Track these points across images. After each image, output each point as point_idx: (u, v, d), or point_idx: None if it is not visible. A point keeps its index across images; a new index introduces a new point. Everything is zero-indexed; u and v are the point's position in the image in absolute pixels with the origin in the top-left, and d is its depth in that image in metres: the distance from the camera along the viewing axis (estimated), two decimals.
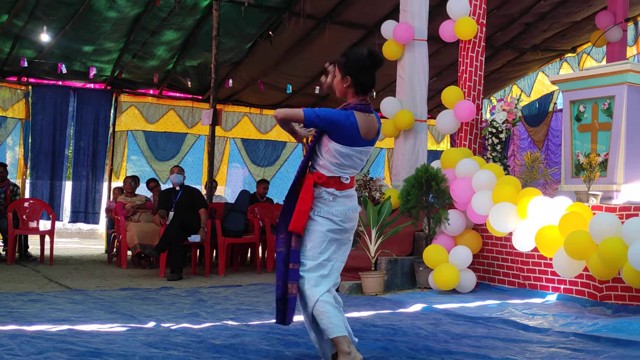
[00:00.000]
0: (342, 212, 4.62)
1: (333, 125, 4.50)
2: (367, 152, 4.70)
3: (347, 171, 4.62)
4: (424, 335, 5.79)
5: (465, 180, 8.60)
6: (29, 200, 12.71)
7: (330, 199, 4.60)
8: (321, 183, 4.59)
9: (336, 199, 4.61)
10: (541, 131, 16.75)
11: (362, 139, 4.58)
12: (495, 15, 13.61)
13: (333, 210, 4.60)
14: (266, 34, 13.62)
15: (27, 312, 6.59)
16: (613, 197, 8.05)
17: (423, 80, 10.53)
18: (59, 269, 10.93)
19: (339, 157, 4.56)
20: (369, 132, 4.61)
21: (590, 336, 5.73)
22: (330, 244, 4.61)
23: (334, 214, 4.60)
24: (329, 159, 4.58)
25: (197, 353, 4.93)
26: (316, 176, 4.60)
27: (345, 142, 4.54)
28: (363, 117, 4.58)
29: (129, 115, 15.06)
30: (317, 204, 4.62)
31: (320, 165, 4.62)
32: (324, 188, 4.60)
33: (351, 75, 4.61)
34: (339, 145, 4.54)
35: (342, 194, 4.62)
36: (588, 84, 8.47)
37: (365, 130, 4.58)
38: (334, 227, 4.60)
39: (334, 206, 4.60)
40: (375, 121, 4.67)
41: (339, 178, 4.60)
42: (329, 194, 4.60)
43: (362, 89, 4.64)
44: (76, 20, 12.31)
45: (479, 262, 8.76)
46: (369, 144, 4.67)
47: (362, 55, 4.62)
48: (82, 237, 20.66)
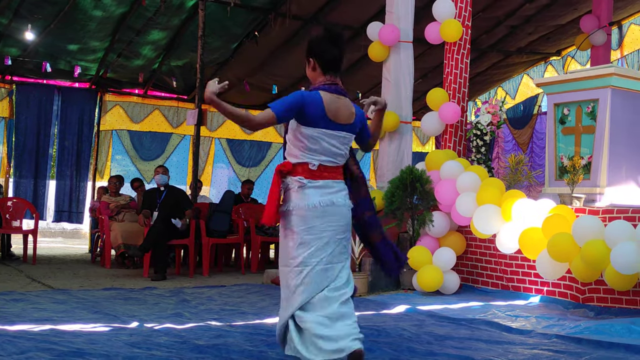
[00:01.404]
0: (313, 205, 4.32)
1: (298, 106, 4.28)
2: (340, 139, 4.41)
3: (315, 156, 4.35)
4: (408, 336, 5.80)
5: (450, 182, 8.63)
6: (13, 199, 12.64)
7: (295, 188, 4.35)
8: (286, 171, 4.39)
9: (305, 189, 4.33)
10: (525, 134, 16.81)
11: (330, 120, 4.34)
12: (480, 18, 13.65)
13: (302, 204, 4.33)
14: (252, 34, 13.61)
15: (10, 311, 6.55)
16: (596, 199, 8.09)
17: (408, 82, 10.54)
18: (42, 268, 10.88)
19: (304, 139, 4.33)
20: (339, 115, 4.38)
21: (572, 338, 5.76)
22: (305, 246, 4.31)
23: (304, 207, 4.32)
24: (295, 144, 4.37)
25: (180, 353, 4.92)
26: (282, 165, 4.40)
27: (310, 123, 4.31)
28: (330, 96, 4.38)
29: (114, 114, 15.00)
30: (288, 197, 4.39)
31: (288, 153, 4.44)
32: (291, 177, 4.37)
33: (314, 56, 4.49)
34: (304, 127, 4.32)
35: (314, 183, 4.33)
36: (572, 87, 8.51)
37: (334, 111, 4.35)
38: (306, 225, 4.31)
39: (303, 199, 4.33)
40: (348, 105, 4.45)
41: (307, 165, 4.34)
42: (296, 182, 4.35)
43: (327, 67, 4.47)
44: (61, 19, 12.25)
45: (463, 264, 8.79)
46: (342, 129, 4.40)
47: (319, 34, 4.50)
48: (66, 236, 20.56)
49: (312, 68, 4.51)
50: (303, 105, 4.29)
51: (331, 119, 4.34)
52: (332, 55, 4.45)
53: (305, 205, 4.32)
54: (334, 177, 4.43)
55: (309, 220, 4.32)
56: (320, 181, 4.35)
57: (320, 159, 4.36)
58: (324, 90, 4.39)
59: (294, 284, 4.31)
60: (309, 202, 4.31)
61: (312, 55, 4.49)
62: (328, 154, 4.38)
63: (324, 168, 4.38)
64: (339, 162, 4.46)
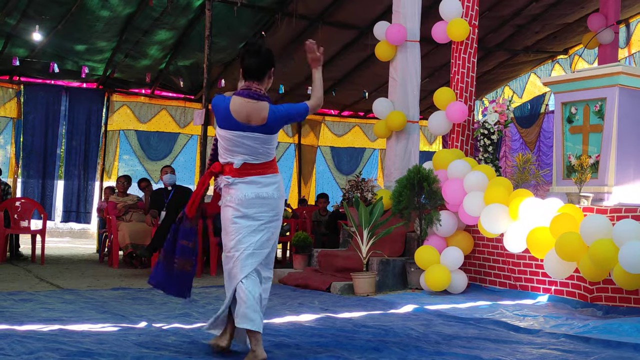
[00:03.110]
0: (239, 198, 4.79)
1: (213, 108, 4.85)
2: (254, 139, 4.78)
3: (237, 156, 4.79)
4: (415, 336, 5.80)
5: (457, 182, 8.62)
6: (21, 200, 12.68)
7: (224, 184, 4.86)
8: (217, 172, 4.94)
9: (233, 186, 4.81)
10: (533, 133, 16.78)
11: (237, 122, 4.74)
12: (487, 17, 13.64)
13: (230, 198, 4.83)
14: (259, 34, 13.62)
15: (18, 311, 6.57)
16: (604, 198, 8.07)
17: (415, 81, 10.55)
18: (50, 268, 10.91)
19: (222, 141, 4.82)
20: (248, 117, 4.75)
21: (580, 337, 5.75)
22: (236, 232, 4.80)
23: (232, 200, 4.81)
24: (220, 145, 4.88)
25: (188, 353, 4.93)
26: (213, 166, 4.95)
27: (221, 125, 4.78)
28: (240, 100, 4.78)
29: (121, 114, 15.04)
30: (222, 193, 4.93)
31: (218, 154, 4.94)
32: (222, 176, 4.89)
33: (241, 65, 4.93)
34: (219, 129, 4.81)
35: (241, 180, 4.80)
36: (580, 86, 8.48)
37: (242, 114, 4.74)
38: (235, 213, 4.80)
39: (231, 193, 4.82)
40: (258, 108, 4.77)
41: (232, 164, 4.81)
42: (224, 181, 4.85)
43: (247, 75, 4.87)
44: (68, 19, 12.29)
45: (470, 263, 8.78)
46: (253, 129, 4.77)
47: (245, 47, 4.96)
48: (74, 236, 20.63)
49: (240, 75, 4.98)
50: (215, 109, 4.84)
51: (239, 121, 4.75)
52: (250, 66, 4.87)
53: (234, 199, 4.82)
54: (261, 172, 4.85)
55: (237, 212, 4.81)
56: (249, 177, 4.82)
57: (243, 158, 4.81)
58: (238, 95, 4.82)
59: (228, 268, 4.86)
60: (236, 196, 4.81)
61: (240, 64, 4.96)
62: (248, 152, 4.80)
63: (250, 166, 4.82)
64: (261, 159, 4.85)
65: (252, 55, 4.88)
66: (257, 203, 4.81)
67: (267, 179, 4.87)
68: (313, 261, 9.97)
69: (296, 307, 7.35)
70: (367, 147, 18.02)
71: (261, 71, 4.89)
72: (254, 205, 4.81)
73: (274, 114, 4.84)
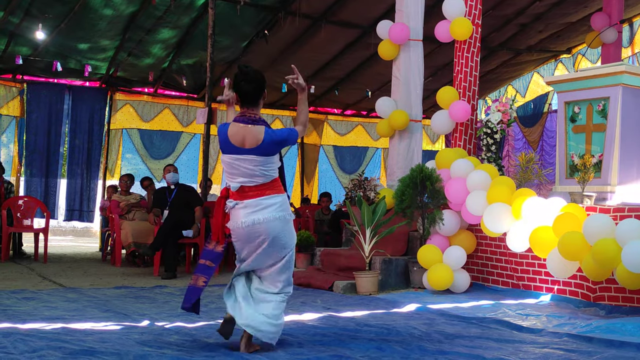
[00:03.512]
0: (235, 225, 5.01)
1: (218, 135, 5.05)
2: (250, 161, 4.94)
3: (236, 179, 4.99)
4: (418, 335, 5.79)
5: (460, 181, 8.61)
6: (24, 198, 12.69)
7: (228, 209, 5.06)
8: (224, 196, 5.12)
9: (233, 210, 5.03)
10: (536, 132, 16.77)
11: (235, 146, 4.94)
12: (490, 16, 13.63)
13: (232, 224, 5.04)
14: (262, 33, 13.62)
15: (21, 310, 6.58)
16: (607, 198, 8.06)
17: (418, 80, 10.54)
18: (53, 267, 10.92)
19: (226, 166, 5.05)
20: (244, 141, 4.93)
21: (583, 337, 5.74)
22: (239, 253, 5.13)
23: (233, 226, 5.03)
24: (225, 170, 5.10)
25: (190, 352, 4.93)
26: (224, 190, 5.14)
27: (223, 150, 5.03)
28: (237, 127, 4.97)
29: (124, 113, 15.05)
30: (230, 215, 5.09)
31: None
32: (227, 200, 5.08)
33: (235, 91, 5.10)
34: (222, 155, 5.06)
35: (239, 204, 5.00)
36: (583, 85, 8.47)
37: (238, 138, 4.94)
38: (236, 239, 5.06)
39: (232, 218, 5.04)
40: (254, 131, 4.94)
41: (230, 188, 5.05)
42: (228, 204, 5.05)
43: (243, 101, 5.06)
44: (71, 18, 12.30)
45: (473, 263, 8.77)
46: (248, 152, 4.94)
47: (236, 73, 5.06)
48: (77, 235, 20.66)
49: (236, 101, 5.22)
50: (218, 136, 5.04)
51: (236, 145, 4.95)
52: (245, 93, 5.03)
53: (234, 225, 5.03)
54: (259, 194, 4.98)
55: (237, 236, 5.05)
56: (245, 201, 4.98)
57: (240, 181, 4.99)
58: (235, 121, 5.02)
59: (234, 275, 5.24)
60: (236, 223, 5.00)
61: (235, 90, 5.11)
62: (245, 175, 4.98)
63: (248, 188, 4.99)
64: (259, 181, 4.99)
65: (245, 82, 5.01)
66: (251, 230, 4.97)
67: (265, 201, 4.98)
68: (316, 260, 9.97)
69: (299, 306, 7.35)
70: (369, 146, 18.02)
71: (255, 97, 5.06)
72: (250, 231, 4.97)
73: (270, 137, 4.97)
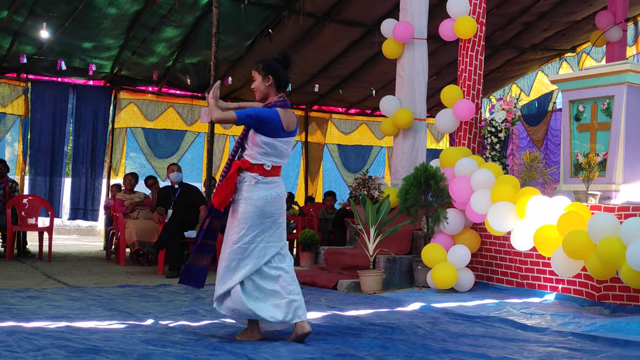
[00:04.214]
0: (262, 197, 5.24)
1: (261, 122, 5.25)
2: (289, 143, 5.41)
3: (270, 159, 5.29)
4: (422, 334, 5.79)
5: (464, 180, 8.60)
6: (28, 197, 12.71)
7: (252, 182, 5.25)
8: (245, 168, 5.27)
9: (258, 185, 5.25)
10: (540, 130, 16.74)
11: (284, 131, 5.31)
12: (495, 15, 13.61)
13: (253, 195, 5.23)
14: (266, 31, 13.62)
15: (26, 308, 6.59)
16: (612, 197, 8.05)
17: (422, 79, 10.54)
18: (57, 265, 10.93)
19: (265, 146, 5.26)
20: (289, 125, 5.35)
21: (588, 336, 5.73)
22: (253, 228, 5.24)
23: (254, 198, 5.23)
24: (256, 150, 5.28)
25: (195, 350, 4.93)
26: (241, 162, 5.28)
27: (270, 134, 5.26)
28: (284, 112, 5.34)
29: (128, 112, 15.06)
30: (240, 189, 5.29)
31: (246, 154, 5.33)
32: (248, 172, 5.27)
33: (273, 75, 5.41)
34: (265, 137, 5.25)
35: (265, 180, 5.28)
36: (587, 84, 8.46)
37: (286, 124, 5.32)
38: (255, 212, 5.23)
39: (255, 191, 5.24)
40: (293, 115, 5.44)
41: (262, 165, 5.28)
42: (252, 178, 5.25)
43: (281, 86, 5.44)
44: (76, 17, 12.30)
45: (478, 261, 8.77)
46: (291, 134, 5.39)
47: (278, 58, 5.47)
48: (81, 234, 20.68)
49: (268, 84, 5.43)
50: (265, 121, 5.26)
51: (284, 130, 5.32)
52: (286, 79, 5.49)
53: (257, 196, 5.24)
54: (279, 174, 5.40)
55: (257, 209, 5.24)
56: (269, 178, 5.30)
57: (274, 161, 5.33)
58: (279, 107, 5.35)
59: (240, 258, 5.25)
60: (260, 194, 5.24)
61: (272, 74, 5.42)
62: (280, 156, 5.36)
63: (275, 168, 5.35)
64: (285, 162, 5.44)
65: (286, 67, 5.45)
66: (276, 202, 5.31)
67: (280, 179, 5.41)
68: (320, 259, 9.97)
69: None
70: (374, 145, 18.00)
71: (288, 82, 5.55)
72: (273, 203, 5.29)
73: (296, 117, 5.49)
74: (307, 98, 16.62)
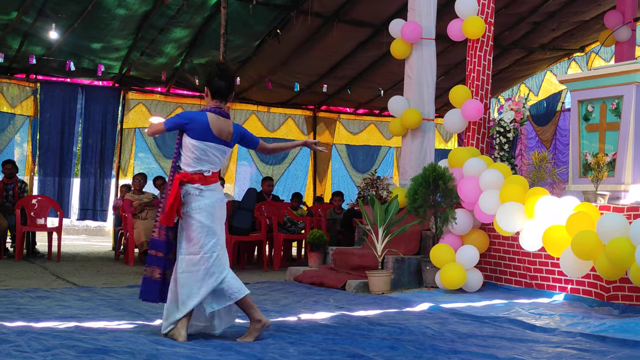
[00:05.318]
0: (209, 204, 5.39)
1: (188, 121, 5.41)
2: (222, 151, 5.49)
3: (206, 166, 5.41)
4: (431, 334, 5.79)
5: (473, 180, 8.59)
6: (37, 197, 12.75)
7: (197, 193, 5.38)
8: (187, 181, 5.38)
9: (202, 193, 5.39)
10: (549, 130, 16.71)
11: (214, 136, 5.40)
12: (503, 14, 13.59)
13: (201, 204, 5.37)
14: (274, 32, 13.62)
15: (35, 308, 6.61)
16: (621, 197, 8.03)
17: (431, 79, 10.53)
18: (66, 266, 10.96)
19: (196, 151, 5.37)
20: (221, 132, 5.44)
21: (597, 336, 5.72)
22: (210, 237, 5.40)
23: (202, 207, 5.37)
24: (189, 155, 5.40)
25: (203, 350, 4.94)
26: (182, 175, 5.39)
27: (199, 137, 5.36)
28: (215, 117, 5.44)
29: (137, 112, 15.09)
30: (186, 201, 5.40)
31: (183, 163, 5.44)
32: (190, 185, 5.39)
33: (207, 85, 5.54)
34: (194, 140, 5.37)
35: (208, 188, 5.42)
36: (596, 84, 8.44)
37: (217, 128, 5.41)
38: (205, 220, 5.37)
39: (201, 200, 5.38)
40: (229, 125, 5.51)
41: (201, 173, 5.40)
42: (195, 189, 5.38)
43: (216, 95, 5.52)
44: (85, 18, 12.33)
45: (486, 262, 8.75)
46: (224, 143, 5.47)
47: (212, 67, 5.64)
48: (90, 234, 20.72)
49: (206, 94, 5.58)
50: (192, 121, 5.41)
51: (215, 135, 5.41)
52: (222, 87, 5.52)
53: (206, 204, 5.40)
54: (216, 180, 5.52)
55: (210, 216, 5.41)
56: (212, 185, 5.46)
57: (210, 167, 5.45)
58: (210, 112, 5.46)
59: (207, 267, 5.38)
60: (208, 201, 5.40)
61: (207, 84, 5.56)
62: (213, 162, 5.48)
63: (212, 174, 5.48)
64: (218, 168, 5.58)
65: (223, 79, 5.51)
66: (220, 207, 5.51)
67: (218, 185, 5.56)
68: (328, 259, 9.97)
69: (311, 305, 7.35)
70: (382, 145, 17.99)
71: (228, 93, 5.56)
72: (219, 208, 5.49)
73: (237, 130, 5.59)
74: (316, 98, 16.62)
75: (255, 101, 16.26)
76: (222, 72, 5.53)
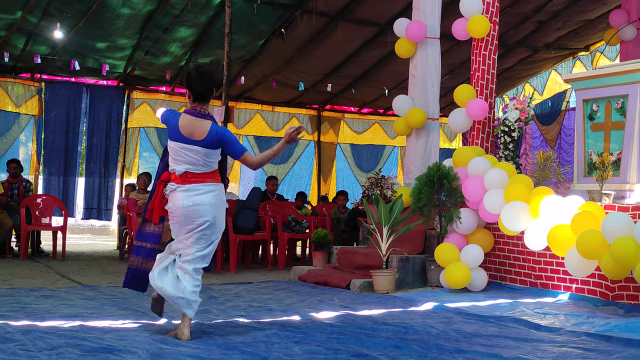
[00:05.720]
0: (175, 205, 5.42)
1: (165, 121, 5.55)
2: (195, 151, 5.40)
3: (181, 165, 5.43)
4: (435, 333, 5.78)
5: (477, 179, 8.58)
6: (42, 197, 12.77)
7: (168, 191, 5.48)
8: (165, 179, 5.55)
9: (173, 193, 5.45)
10: (554, 130, 16.70)
11: (183, 136, 5.39)
12: (508, 14, 13.57)
13: (173, 205, 5.45)
14: (278, 31, 13.63)
15: (40, 307, 6.62)
16: (626, 196, 8.02)
17: (435, 78, 10.51)
18: (71, 265, 10.98)
19: (172, 152, 5.47)
20: (192, 133, 5.39)
21: (602, 336, 5.71)
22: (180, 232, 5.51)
23: (174, 207, 5.44)
24: (169, 154, 5.52)
25: (208, 350, 4.94)
26: (166, 174, 5.55)
27: (171, 137, 5.45)
28: (188, 118, 5.43)
29: (141, 111, 15.11)
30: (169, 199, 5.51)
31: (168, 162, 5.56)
32: (169, 183, 5.50)
33: (187, 87, 5.54)
34: (169, 140, 5.48)
35: (181, 187, 5.43)
36: (601, 83, 8.42)
37: (188, 129, 5.39)
38: (176, 219, 5.47)
39: (171, 200, 5.47)
40: (203, 125, 5.41)
41: (174, 172, 5.47)
42: (169, 188, 5.48)
43: (195, 97, 5.50)
44: (89, 17, 12.35)
45: (491, 261, 8.75)
46: (195, 143, 5.39)
47: (191, 70, 5.57)
48: (94, 233, 20.75)
49: (187, 96, 5.56)
50: (167, 122, 5.52)
51: (184, 135, 5.39)
52: (200, 89, 5.49)
53: (174, 206, 5.44)
54: (201, 181, 5.46)
55: (177, 217, 5.46)
56: (187, 185, 5.43)
57: (185, 167, 5.43)
58: (186, 113, 5.47)
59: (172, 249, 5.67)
60: (177, 203, 5.42)
61: (186, 87, 5.55)
62: (189, 162, 5.43)
63: (191, 175, 5.44)
64: (202, 169, 5.47)
65: (200, 81, 5.48)
66: (191, 210, 5.41)
67: (205, 187, 5.47)
68: (333, 258, 9.97)
69: (316, 304, 7.35)
70: (387, 145, 17.98)
71: (207, 94, 5.53)
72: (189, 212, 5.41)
73: (215, 132, 5.42)
74: (320, 97, 16.62)
75: (259, 100, 16.27)
76: (199, 76, 5.49)
